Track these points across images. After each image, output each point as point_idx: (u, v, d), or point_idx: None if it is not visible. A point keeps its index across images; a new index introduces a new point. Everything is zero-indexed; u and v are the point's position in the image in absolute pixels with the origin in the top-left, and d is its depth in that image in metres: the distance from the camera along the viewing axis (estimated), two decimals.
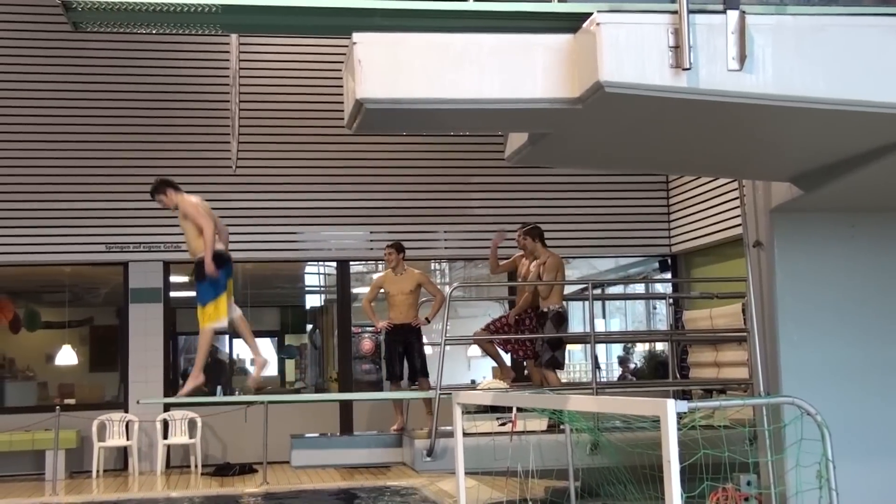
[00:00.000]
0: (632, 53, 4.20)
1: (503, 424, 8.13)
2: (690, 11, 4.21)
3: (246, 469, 11.98)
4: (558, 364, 9.77)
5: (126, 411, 12.42)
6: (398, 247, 10.32)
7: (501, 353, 10.61)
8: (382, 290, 10.32)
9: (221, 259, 7.81)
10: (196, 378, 7.94)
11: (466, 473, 6.52)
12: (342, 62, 4.63)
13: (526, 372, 11.03)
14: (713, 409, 6.28)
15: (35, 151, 12.55)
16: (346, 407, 13.04)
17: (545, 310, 9.76)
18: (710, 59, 4.26)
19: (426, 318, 10.19)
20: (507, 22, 4.52)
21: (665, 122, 4.86)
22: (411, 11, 4.46)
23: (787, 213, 6.13)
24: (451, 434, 6.81)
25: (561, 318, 9.67)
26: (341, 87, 4.71)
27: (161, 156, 12.65)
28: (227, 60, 12.17)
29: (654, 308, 15.40)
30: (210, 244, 7.62)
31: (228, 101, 11.87)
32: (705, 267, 13.28)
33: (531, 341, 9.93)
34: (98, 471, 11.96)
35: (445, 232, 13.52)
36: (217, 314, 7.84)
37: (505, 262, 10.45)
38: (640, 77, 4.21)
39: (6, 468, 12.05)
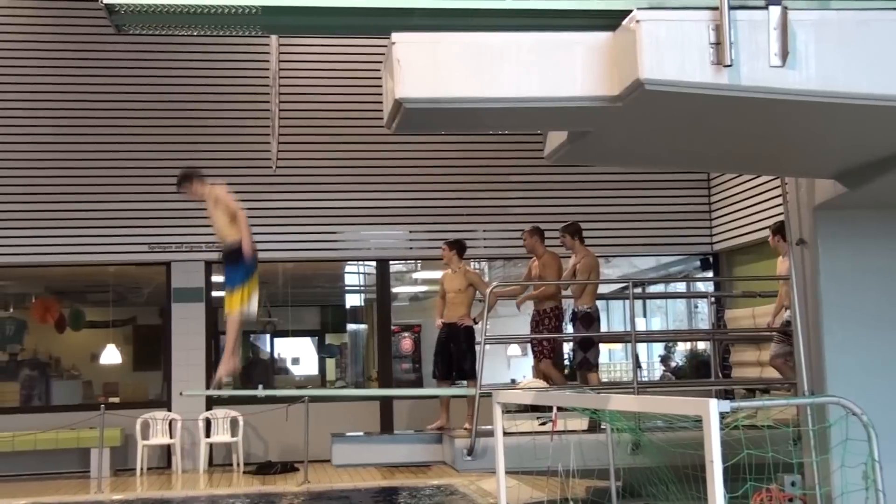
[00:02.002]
0: (672, 50, 4.17)
1: (543, 424, 8.12)
2: (731, 7, 4.17)
3: (287, 467, 12.06)
4: (590, 365, 9.72)
5: (169, 410, 12.54)
6: (452, 243, 10.32)
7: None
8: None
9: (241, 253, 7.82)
10: (227, 362, 7.89)
11: (507, 473, 6.50)
12: (381, 62, 4.64)
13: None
14: (756, 409, 6.21)
15: (79, 153, 12.72)
16: (386, 406, 13.08)
17: (575, 310, 9.73)
18: (752, 55, 4.21)
19: (473, 319, 10.18)
20: (546, 20, 4.50)
21: (706, 119, 4.82)
22: (450, 10, 4.46)
23: (830, 210, 6.05)
24: (491, 433, 6.80)
25: (591, 319, 9.62)
26: (381, 86, 4.72)
27: (202, 156, 12.75)
28: (268, 61, 12.22)
29: (696, 307, 15.30)
30: (247, 226, 7.63)
31: (269, 102, 11.93)
32: (747, 265, 13.15)
33: (548, 341, 9.91)
34: (142, 468, 12.09)
35: (484, 231, 13.51)
36: (245, 300, 7.87)
37: (515, 287, 10.59)
38: (680, 74, 4.18)
39: (53, 466, 12.21)
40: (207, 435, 12.42)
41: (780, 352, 9.35)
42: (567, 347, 12.68)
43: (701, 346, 14.46)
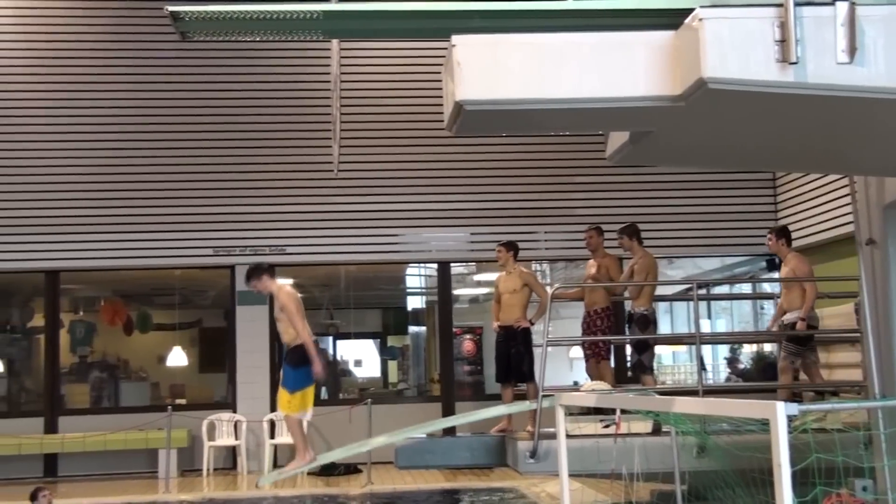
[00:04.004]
0: (736, 48, 4.12)
1: (607, 426, 8.06)
2: (797, 4, 4.11)
3: (351, 469, 12.11)
4: (645, 368, 9.63)
5: (234, 411, 12.69)
6: (507, 245, 10.31)
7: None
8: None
9: (305, 354, 7.93)
10: (303, 458, 8.08)
11: (570, 475, 6.47)
12: (442, 65, 4.65)
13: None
14: (825, 412, 6.10)
15: (146, 160, 12.93)
16: (448, 408, 13.08)
17: (632, 312, 9.65)
18: (819, 52, 4.15)
19: (530, 321, 10.14)
20: (606, 20, 4.48)
21: (771, 118, 4.75)
22: (510, 13, 4.45)
23: None
24: (554, 436, 6.77)
25: (646, 321, 9.54)
26: (441, 89, 4.73)
27: (265, 160, 12.93)
28: (329, 65, 12.34)
29: (762, 308, 15.05)
30: (311, 344, 7.77)
31: (330, 106, 12.03)
32: (815, 266, 12.90)
33: (604, 342, 9.85)
34: (208, 469, 12.25)
35: (546, 232, 13.46)
36: (303, 405, 8.03)
37: (577, 290, 10.49)
38: (744, 72, 4.13)
39: (122, 466, 12.43)
40: (272, 436, 12.54)
41: (787, 359, 9.26)
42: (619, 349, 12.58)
43: (767, 347, 14.23)
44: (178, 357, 14.44)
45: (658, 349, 10.54)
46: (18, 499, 10.36)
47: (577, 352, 16.24)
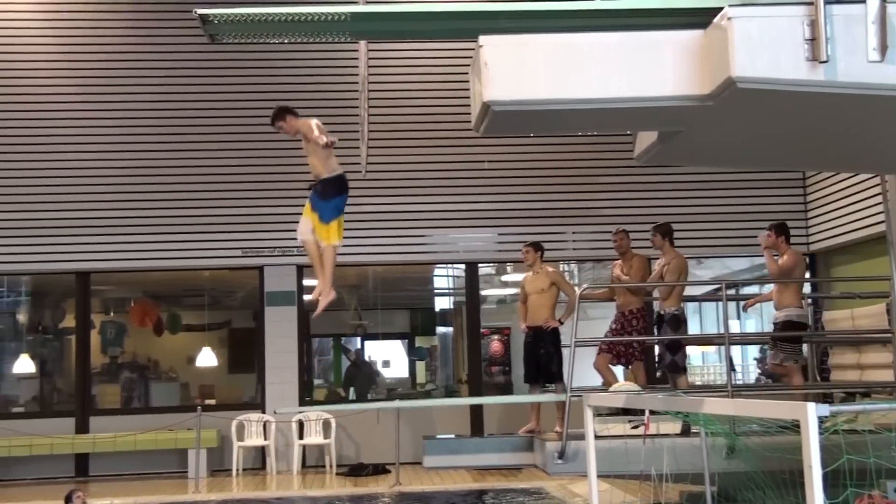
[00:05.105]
0: (765, 47, 4.10)
1: (636, 427, 8.02)
2: (827, 2, 4.08)
3: (379, 469, 12.14)
4: (678, 368, 9.57)
5: (263, 412, 12.75)
6: (534, 245, 10.31)
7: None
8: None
9: (342, 181, 7.87)
10: (328, 294, 7.87)
11: (599, 476, 6.45)
12: (469, 65, 4.65)
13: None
14: (857, 413, 6.05)
15: (175, 160, 13.02)
16: (476, 409, 13.08)
17: (661, 312, 9.60)
18: (849, 50, 4.11)
19: (559, 321, 10.12)
20: (634, 20, 4.46)
21: (801, 117, 4.71)
22: (537, 13, 4.45)
23: None
24: (582, 436, 6.75)
25: (678, 322, 9.49)
26: (468, 89, 4.73)
27: (293, 162, 12.92)
28: (356, 65, 12.37)
29: None
30: (318, 135, 7.61)
31: (358, 107, 12.04)
32: (846, 266, 12.81)
33: (638, 343, 9.79)
34: (237, 469, 12.31)
35: (574, 233, 13.43)
36: (339, 233, 7.94)
37: (605, 290, 10.48)
38: (774, 71, 4.10)
39: (152, 466, 12.53)
40: (300, 437, 12.59)
41: (788, 360, 9.17)
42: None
43: None
44: (207, 358, 14.54)
45: (687, 349, 10.47)
46: (51, 498, 10.48)
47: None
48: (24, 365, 13.72)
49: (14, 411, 13.39)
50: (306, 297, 12.94)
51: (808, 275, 13.52)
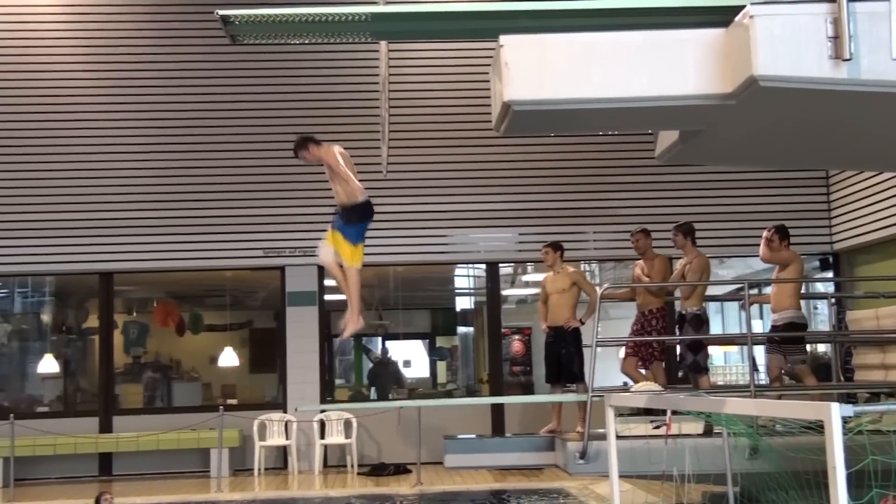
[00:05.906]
0: (787, 45, 4.08)
1: (657, 427, 7.99)
2: (850, 0, 4.05)
3: (400, 469, 12.15)
4: (700, 368, 9.54)
5: (285, 412, 12.78)
6: (554, 245, 10.30)
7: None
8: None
9: (367, 208, 7.90)
10: (357, 323, 7.84)
11: (620, 476, 6.44)
12: (489, 65, 4.65)
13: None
14: (881, 414, 6.00)
15: (198, 161, 13.08)
16: (497, 409, 13.08)
17: (683, 312, 9.56)
18: (873, 48, 4.09)
19: (580, 320, 10.11)
20: (655, 18, 4.45)
21: (824, 115, 4.69)
22: (557, 12, 4.44)
23: None
24: (604, 436, 6.74)
25: (700, 321, 9.46)
26: (489, 89, 4.73)
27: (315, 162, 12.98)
28: (377, 66, 12.39)
29: (815, 308, 14.84)
30: (357, 183, 7.68)
31: (379, 107, 12.09)
32: (870, 265, 12.72)
33: (657, 343, 9.76)
34: (259, 469, 12.35)
35: (595, 232, 13.39)
36: (360, 257, 7.96)
37: (627, 290, 10.46)
38: (796, 70, 4.08)
39: (174, 465, 12.59)
40: (322, 436, 12.62)
41: (795, 361, 9.12)
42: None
43: (821, 348, 14.03)
44: (229, 358, 14.59)
45: (709, 349, 10.43)
46: (75, 497, 10.56)
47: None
48: (49, 365, 13.81)
49: (39, 411, 13.48)
50: (327, 298, 13.01)
51: (830, 274, 13.55)
